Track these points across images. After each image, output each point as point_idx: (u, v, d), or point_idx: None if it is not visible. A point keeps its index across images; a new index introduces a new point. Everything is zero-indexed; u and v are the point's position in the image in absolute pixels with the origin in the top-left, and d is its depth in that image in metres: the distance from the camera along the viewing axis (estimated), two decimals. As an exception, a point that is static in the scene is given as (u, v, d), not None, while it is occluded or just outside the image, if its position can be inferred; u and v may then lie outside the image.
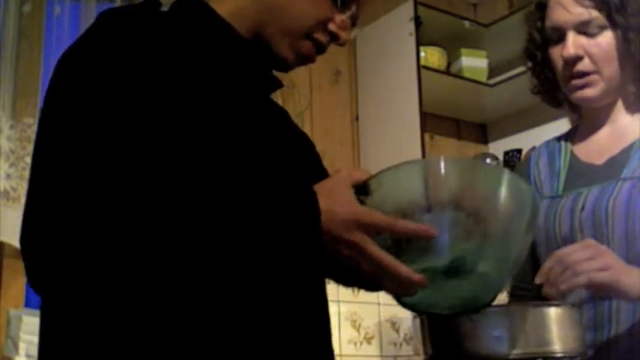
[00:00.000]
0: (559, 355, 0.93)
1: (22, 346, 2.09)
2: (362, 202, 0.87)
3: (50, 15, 2.49)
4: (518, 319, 0.94)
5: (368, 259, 0.85)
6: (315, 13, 1.02)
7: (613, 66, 1.32)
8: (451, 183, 0.90)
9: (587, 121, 1.43)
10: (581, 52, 1.32)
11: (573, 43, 1.32)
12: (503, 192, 0.90)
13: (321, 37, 1.04)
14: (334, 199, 0.85)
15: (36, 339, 0.96)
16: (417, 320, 1.06)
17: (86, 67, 0.88)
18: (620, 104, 1.38)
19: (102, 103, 0.85)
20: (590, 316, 1.27)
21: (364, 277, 0.88)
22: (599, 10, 1.31)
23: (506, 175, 0.93)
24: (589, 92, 1.33)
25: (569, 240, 1.28)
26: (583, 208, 1.30)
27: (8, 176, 2.28)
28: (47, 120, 0.89)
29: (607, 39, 1.32)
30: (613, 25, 1.31)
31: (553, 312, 0.96)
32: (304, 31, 1.02)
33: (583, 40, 1.32)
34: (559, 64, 1.35)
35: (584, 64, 1.32)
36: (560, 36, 1.34)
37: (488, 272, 0.90)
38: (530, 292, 1.36)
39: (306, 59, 1.06)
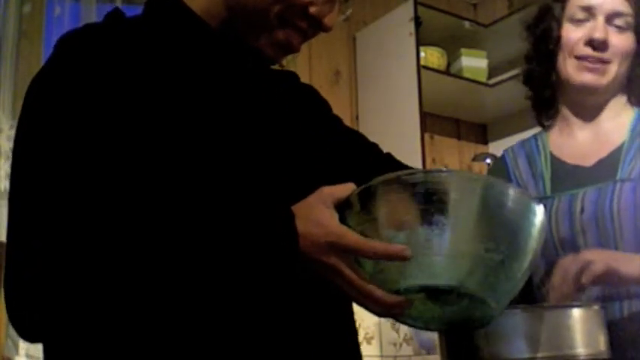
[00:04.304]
0: (583, 357, 0.90)
1: (22, 346, 2.10)
2: (344, 221, 0.83)
3: (50, 15, 2.49)
4: (541, 320, 0.91)
5: (345, 282, 0.84)
6: None
7: (624, 65, 1.34)
8: (452, 198, 0.80)
9: (567, 121, 1.43)
10: (608, 40, 1.32)
11: (604, 29, 1.32)
12: (526, 221, 0.81)
13: (301, 22, 0.97)
14: (311, 220, 0.83)
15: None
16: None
17: (54, 85, 0.87)
18: (605, 108, 1.38)
19: (69, 126, 0.84)
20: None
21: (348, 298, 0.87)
22: (636, 8, 1.32)
23: (531, 201, 0.83)
24: (597, 80, 1.34)
25: (569, 241, 1.28)
26: (583, 210, 1.29)
27: (8, 176, 2.28)
28: (21, 148, 0.89)
29: (629, 38, 1.33)
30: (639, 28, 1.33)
31: (577, 313, 0.93)
32: (270, 19, 0.96)
33: (610, 30, 1.33)
34: (578, 44, 1.34)
35: (607, 53, 1.33)
36: (586, 17, 1.34)
37: (486, 302, 0.81)
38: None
39: (286, 48, 1.00)
